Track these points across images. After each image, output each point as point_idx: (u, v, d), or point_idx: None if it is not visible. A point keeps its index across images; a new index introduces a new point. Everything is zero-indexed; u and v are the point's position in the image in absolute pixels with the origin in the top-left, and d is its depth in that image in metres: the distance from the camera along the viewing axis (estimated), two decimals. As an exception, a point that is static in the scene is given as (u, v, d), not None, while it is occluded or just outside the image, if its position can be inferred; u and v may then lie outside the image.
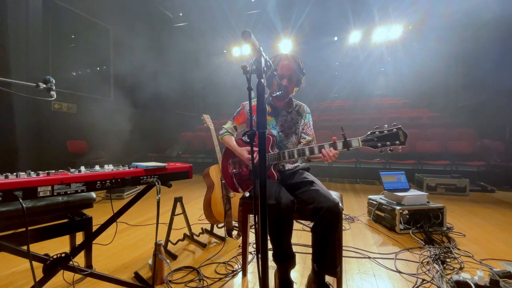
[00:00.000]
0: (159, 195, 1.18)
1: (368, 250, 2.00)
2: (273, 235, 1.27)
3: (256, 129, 0.89)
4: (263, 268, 0.89)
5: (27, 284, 1.51)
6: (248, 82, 0.88)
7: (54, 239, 1.40)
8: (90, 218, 1.53)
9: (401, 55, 7.87)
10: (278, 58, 1.55)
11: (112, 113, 5.64)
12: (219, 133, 1.79)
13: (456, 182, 4.10)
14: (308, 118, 1.67)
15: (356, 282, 1.55)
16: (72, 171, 1.08)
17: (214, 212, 2.14)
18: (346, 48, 8.15)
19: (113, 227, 1.26)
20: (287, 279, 1.34)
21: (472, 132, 5.52)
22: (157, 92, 7.15)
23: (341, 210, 1.28)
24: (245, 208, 1.54)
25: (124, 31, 6.36)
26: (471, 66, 6.09)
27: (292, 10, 7.28)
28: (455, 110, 6.85)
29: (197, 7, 7.11)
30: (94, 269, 1.41)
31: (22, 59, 4.19)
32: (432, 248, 1.97)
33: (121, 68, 6.07)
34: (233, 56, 8.76)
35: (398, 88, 9.00)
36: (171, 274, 1.62)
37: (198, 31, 8.09)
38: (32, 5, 4.36)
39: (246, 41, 0.85)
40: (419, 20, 6.88)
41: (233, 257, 1.87)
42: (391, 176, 2.70)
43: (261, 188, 0.86)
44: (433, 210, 2.39)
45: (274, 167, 1.51)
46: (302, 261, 1.80)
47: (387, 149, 1.25)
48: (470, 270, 1.67)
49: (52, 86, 1.18)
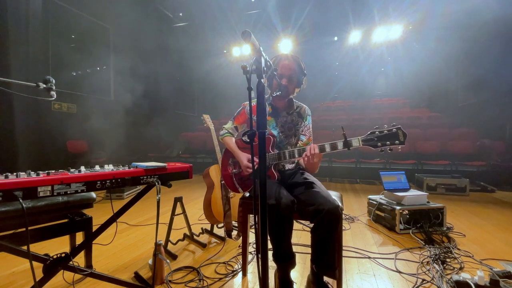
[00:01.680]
0: (159, 195, 1.18)
1: (368, 250, 2.00)
2: (273, 235, 1.27)
3: (256, 129, 0.89)
4: (263, 268, 0.89)
5: (27, 284, 1.51)
6: (248, 82, 0.88)
7: (54, 239, 1.40)
8: (90, 218, 1.53)
9: (401, 55, 7.87)
10: (279, 58, 1.55)
11: (112, 113, 5.64)
12: (220, 134, 1.78)
13: (456, 182, 4.10)
14: (308, 120, 1.67)
15: (356, 282, 1.55)
16: (72, 171, 1.08)
17: (214, 212, 2.14)
18: (346, 48, 8.15)
19: (113, 227, 1.26)
20: (287, 279, 1.34)
21: (472, 132, 5.52)
22: (157, 92, 7.16)
23: (341, 212, 1.28)
24: (245, 208, 1.53)
25: (124, 31, 6.36)
26: (471, 66, 6.08)
27: (292, 10, 7.28)
28: (455, 110, 6.85)
29: (197, 7, 7.11)
30: (94, 269, 1.41)
31: (22, 59, 4.19)
32: (432, 248, 1.97)
33: (121, 68, 6.07)
34: (233, 56, 8.76)
35: (398, 88, 9.00)
36: (171, 274, 1.62)
37: (198, 31, 8.09)
38: (32, 5, 4.36)
39: (246, 41, 0.85)
40: (419, 20, 6.88)
41: (233, 257, 1.87)
42: (391, 176, 2.70)
43: (261, 188, 0.86)
44: (433, 210, 2.39)
45: (274, 167, 1.51)
46: (302, 261, 1.80)
47: (387, 149, 1.26)
48: (470, 270, 1.67)
49: (52, 86, 1.18)
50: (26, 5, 4.26)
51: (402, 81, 8.54)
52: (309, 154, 1.30)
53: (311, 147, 1.31)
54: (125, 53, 6.32)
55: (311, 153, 1.29)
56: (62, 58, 5.17)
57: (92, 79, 5.79)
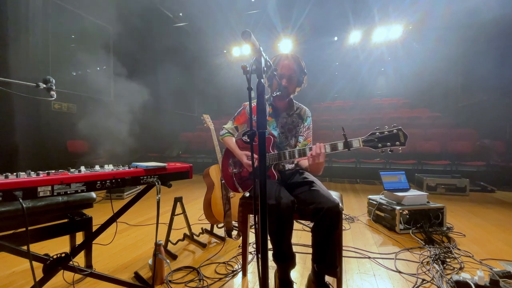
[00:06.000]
0: (159, 195, 1.18)
1: (368, 250, 2.00)
2: (273, 235, 1.27)
3: (256, 129, 0.89)
4: (263, 268, 0.89)
5: (27, 284, 1.51)
6: (248, 82, 0.88)
7: (54, 239, 1.40)
8: (90, 218, 1.53)
9: (401, 55, 7.86)
10: (279, 58, 1.55)
11: (112, 113, 5.63)
12: (220, 133, 1.79)
13: (456, 182, 4.10)
14: (308, 121, 1.67)
15: (356, 282, 1.55)
16: (72, 171, 1.08)
17: (214, 212, 2.14)
18: (346, 48, 8.15)
19: (113, 227, 1.26)
20: (287, 279, 1.34)
21: (472, 132, 5.52)
22: (157, 92, 7.15)
23: (341, 210, 1.28)
24: (245, 208, 1.53)
25: (124, 31, 6.36)
26: (471, 66, 6.08)
27: (292, 10, 7.27)
28: (455, 110, 6.85)
29: (197, 7, 7.10)
30: (94, 269, 1.41)
31: (22, 59, 4.19)
32: (432, 248, 1.97)
33: (121, 68, 6.07)
34: (233, 56, 8.75)
35: (398, 88, 8.99)
36: (171, 274, 1.62)
37: (198, 31, 8.08)
38: (32, 5, 4.36)
39: (246, 41, 0.85)
40: (419, 20, 6.88)
41: (233, 257, 1.87)
42: (391, 176, 2.70)
43: (261, 188, 0.86)
44: (433, 210, 2.39)
45: (274, 167, 1.51)
46: (302, 261, 1.80)
47: (388, 150, 1.25)
48: (470, 270, 1.67)
49: (52, 86, 1.19)
50: (26, 5, 4.26)
51: (402, 81, 8.54)
52: (314, 153, 1.27)
53: (318, 146, 1.27)
54: (125, 53, 6.31)
55: (317, 152, 1.26)
56: (62, 58, 5.17)
57: (92, 79, 5.79)
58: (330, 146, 1.30)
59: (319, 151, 1.26)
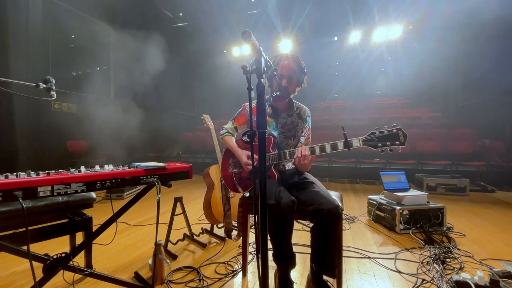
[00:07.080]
0: (159, 195, 1.18)
1: (368, 250, 2.00)
2: (274, 235, 1.27)
3: (256, 129, 0.89)
4: (263, 268, 0.89)
5: (27, 284, 1.51)
6: (248, 82, 0.88)
7: (54, 239, 1.40)
8: (90, 218, 1.53)
9: (401, 55, 7.87)
10: (279, 58, 1.55)
11: (112, 113, 5.63)
12: (220, 133, 1.79)
13: (456, 182, 4.10)
14: (308, 121, 1.67)
15: (356, 282, 1.55)
16: (72, 171, 1.08)
17: (214, 212, 2.14)
18: (346, 48, 8.15)
19: (113, 227, 1.26)
20: (287, 279, 1.34)
21: (472, 132, 5.52)
22: (157, 92, 7.15)
23: (341, 212, 1.28)
24: (245, 208, 1.53)
25: (124, 31, 6.36)
26: (471, 66, 6.08)
27: (292, 10, 7.27)
28: (455, 110, 6.85)
29: (197, 7, 7.10)
30: (94, 269, 1.41)
31: (22, 59, 4.19)
32: (432, 248, 1.97)
33: (121, 68, 6.07)
34: (233, 56, 8.75)
35: (398, 88, 8.99)
36: (171, 274, 1.62)
37: (198, 31, 8.08)
38: (32, 5, 4.36)
39: (246, 41, 0.85)
40: (419, 20, 6.88)
41: (233, 257, 1.87)
42: (391, 176, 2.70)
43: (261, 188, 0.86)
44: (433, 210, 2.39)
45: (274, 167, 1.51)
46: (302, 261, 1.80)
47: (387, 149, 1.26)
48: (470, 270, 1.67)
49: (52, 86, 1.18)
50: (26, 5, 4.26)
51: (402, 81, 8.53)
52: (300, 155, 1.33)
53: (302, 149, 1.34)
54: (125, 53, 6.31)
55: (302, 154, 1.33)
56: (62, 58, 5.17)
57: (92, 79, 5.79)
58: (330, 145, 1.30)
59: (304, 153, 1.33)
